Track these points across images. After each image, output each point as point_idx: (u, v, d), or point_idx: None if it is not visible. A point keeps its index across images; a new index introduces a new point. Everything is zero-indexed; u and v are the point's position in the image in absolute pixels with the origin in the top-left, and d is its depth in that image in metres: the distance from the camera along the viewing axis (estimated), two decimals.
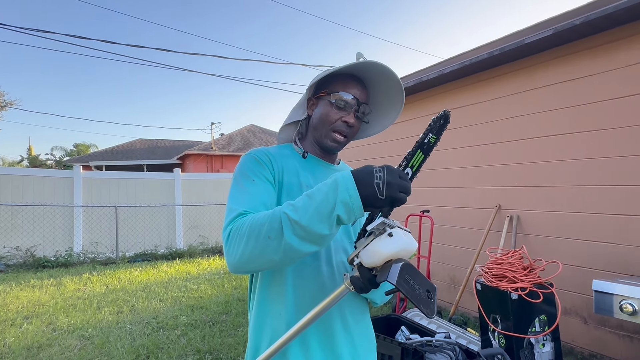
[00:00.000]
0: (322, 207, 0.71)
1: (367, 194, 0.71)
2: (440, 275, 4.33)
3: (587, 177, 3.02)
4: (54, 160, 27.12)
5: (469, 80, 3.99)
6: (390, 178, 0.71)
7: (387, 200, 0.71)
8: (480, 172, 3.86)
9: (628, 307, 2.12)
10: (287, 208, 0.75)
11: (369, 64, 0.95)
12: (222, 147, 16.71)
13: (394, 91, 1.02)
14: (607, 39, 2.91)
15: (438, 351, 2.34)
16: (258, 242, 0.74)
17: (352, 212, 0.71)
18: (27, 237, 7.17)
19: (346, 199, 0.71)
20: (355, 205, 0.71)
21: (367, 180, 0.71)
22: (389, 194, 0.70)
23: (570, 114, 3.14)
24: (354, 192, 0.71)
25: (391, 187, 0.71)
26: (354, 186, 0.71)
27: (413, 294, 0.70)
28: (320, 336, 0.90)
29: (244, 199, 0.87)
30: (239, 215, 0.82)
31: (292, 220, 0.72)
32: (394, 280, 0.69)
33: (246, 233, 0.76)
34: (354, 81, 1.00)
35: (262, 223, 0.75)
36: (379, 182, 0.71)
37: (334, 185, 0.72)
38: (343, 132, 0.99)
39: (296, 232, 0.72)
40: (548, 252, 3.19)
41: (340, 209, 0.71)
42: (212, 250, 8.69)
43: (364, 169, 0.74)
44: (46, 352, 3.23)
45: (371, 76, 1.01)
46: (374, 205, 0.72)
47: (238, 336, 3.54)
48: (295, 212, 0.73)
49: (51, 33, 7.05)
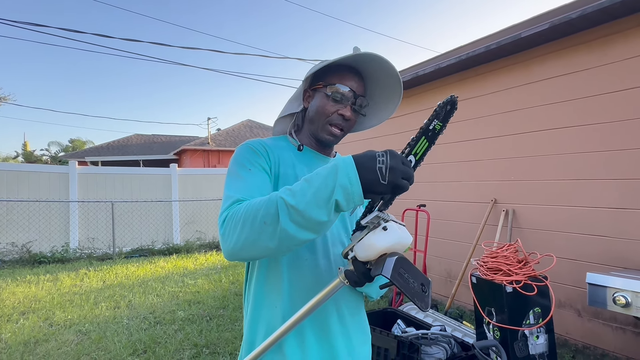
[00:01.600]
0: (321, 191, 0.69)
1: (369, 178, 0.68)
2: (436, 269, 4.35)
3: (582, 171, 3.03)
4: (50, 155, 26.95)
5: (465, 74, 3.98)
6: (394, 163, 0.68)
7: (389, 186, 0.68)
8: (477, 166, 3.87)
9: (621, 300, 2.14)
10: (284, 193, 0.72)
11: (367, 55, 0.93)
12: (219, 143, 16.65)
13: (391, 83, 1.00)
14: (603, 32, 2.91)
15: (433, 344, 2.37)
16: (253, 227, 0.72)
17: (352, 197, 0.69)
18: (22, 232, 7.14)
19: (346, 183, 0.68)
20: (355, 191, 0.68)
21: (369, 165, 0.69)
22: (391, 180, 0.68)
23: (566, 108, 3.14)
24: (355, 176, 0.68)
25: (394, 172, 0.68)
26: (355, 170, 0.68)
27: (407, 288, 0.70)
28: (316, 329, 0.90)
29: (241, 186, 0.85)
30: (235, 201, 0.80)
31: (289, 205, 0.69)
32: (389, 274, 0.69)
33: (242, 218, 0.74)
34: (351, 73, 0.97)
35: (257, 208, 0.73)
36: (381, 166, 0.68)
37: (333, 169, 0.70)
38: (339, 125, 0.97)
39: (293, 218, 0.69)
40: (543, 246, 3.22)
41: (339, 193, 0.68)
42: (209, 245, 8.68)
43: (366, 153, 0.71)
44: (43, 347, 3.23)
45: (368, 68, 0.98)
46: (376, 190, 0.69)
47: (235, 330, 3.55)
48: (292, 197, 0.70)
49: (45, 27, 6.96)
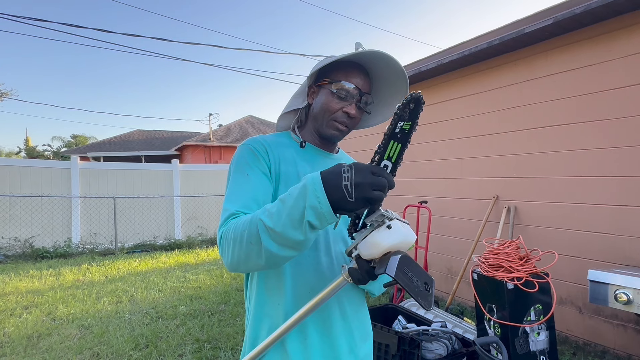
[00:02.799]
0: (293, 212, 0.68)
1: (336, 197, 0.66)
2: (437, 265, 4.36)
3: (584, 168, 3.02)
4: (52, 151, 27.01)
5: (468, 70, 3.96)
6: (359, 178, 0.65)
7: (359, 202, 0.66)
8: (479, 162, 3.86)
9: (623, 297, 2.14)
10: (262, 214, 0.73)
11: (373, 53, 0.92)
12: (220, 138, 16.65)
13: (397, 81, 0.98)
14: (607, 28, 2.88)
15: (434, 340, 2.37)
16: (242, 247, 0.75)
17: (323, 217, 0.67)
18: (25, 227, 7.17)
19: (315, 204, 0.66)
20: (325, 211, 0.66)
21: (335, 183, 0.66)
22: (359, 196, 0.65)
23: (568, 104, 3.12)
24: (322, 196, 0.66)
25: (361, 188, 0.65)
26: (322, 190, 0.66)
27: (411, 287, 0.70)
28: (318, 325, 0.90)
29: (237, 196, 0.87)
30: (230, 215, 0.83)
31: (267, 227, 0.71)
32: (393, 273, 0.68)
33: (232, 238, 0.77)
34: (357, 70, 0.96)
35: (243, 229, 0.75)
36: (346, 183, 0.66)
37: (303, 190, 0.68)
38: (344, 123, 0.96)
39: (273, 238, 0.71)
40: (544, 243, 3.21)
41: (310, 214, 0.67)
42: (211, 241, 8.71)
43: (332, 170, 0.69)
44: (46, 342, 3.26)
45: (374, 65, 0.97)
46: (345, 208, 0.67)
47: (236, 325, 3.57)
48: (270, 219, 0.71)
49: (47, 22, 6.95)
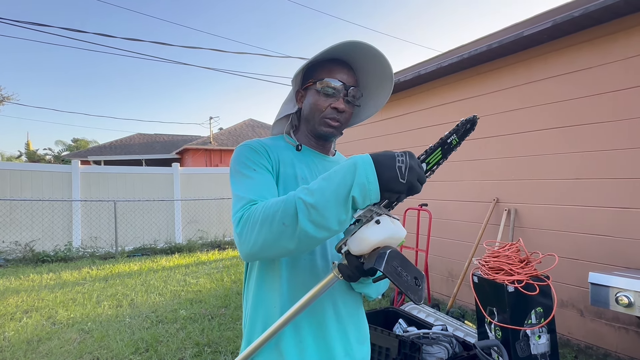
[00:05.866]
0: (340, 189, 0.70)
1: (388, 176, 0.69)
2: (438, 268, 4.35)
3: (584, 170, 3.02)
4: (53, 155, 27.05)
5: (467, 73, 3.97)
6: (413, 163, 0.71)
7: (406, 185, 0.69)
8: (479, 165, 3.86)
9: (624, 300, 2.13)
10: (302, 192, 0.73)
11: (348, 44, 0.91)
12: (221, 142, 16.67)
13: (379, 67, 0.98)
14: (606, 30, 2.89)
15: (435, 343, 2.36)
16: (272, 229, 0.73)
17: (368, 195, 0.69)
18: (26, 231, 7.17)
19: (364, 181, 0.69)
20: (372, 189, 0.69)
21: (388, 163, 0.70)
22: (409, 179, 0.69)
23: (568, 106, 3.13)
24: (372, 175, 0.69)
25: (413, 172, 0.70)
26: (373, 169, 0.70)
27: (400, 281, 0.70)
28: (313, 327, 0.90)
29: (250, 186, 0.85)
30: (249, 202, 0.81)
31: (308, 204, 0.70)
32: (381, 267, 0.69)
33: (259, 219, 0.74)
34: (339, 66, 0.97)
35: (275, 209, 0.73)
36: (401, 165, 0.70)
37: (352, 167, 0.71)
38: (335, 119, 0.97)
39: (312, 218, 0.70)
40: (545, 245, 3.20)
41: (357, 190, 0.69)
42: (211, 244, 8.69)
43: (385, 153, 0.72)
44: (46, 346, 3.25)
45: (356, 58, 0.98)
46: (393, 189, 0.70)
47: (237, 329, 3.55)
48: (310, 196, 0.71)
49: (48, 26, 6.98)
